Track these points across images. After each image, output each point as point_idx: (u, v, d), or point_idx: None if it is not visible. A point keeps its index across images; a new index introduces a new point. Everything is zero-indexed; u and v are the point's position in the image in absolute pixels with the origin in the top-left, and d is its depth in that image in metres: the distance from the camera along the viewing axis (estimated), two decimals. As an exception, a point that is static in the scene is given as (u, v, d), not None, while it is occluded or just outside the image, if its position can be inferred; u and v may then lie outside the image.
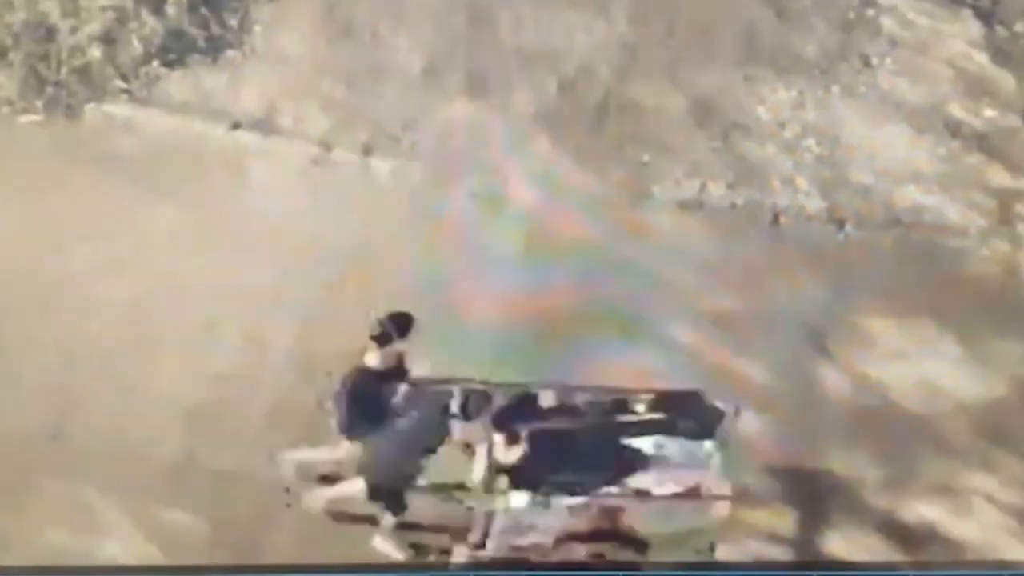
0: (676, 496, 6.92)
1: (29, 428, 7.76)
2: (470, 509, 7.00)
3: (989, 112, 9.88)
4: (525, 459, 6.81)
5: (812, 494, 7.82)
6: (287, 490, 7.50)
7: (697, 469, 6.95)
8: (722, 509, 6.97)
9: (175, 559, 7.35)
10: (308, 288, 8.45)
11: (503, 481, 6.89)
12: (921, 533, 7.72)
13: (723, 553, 7.22)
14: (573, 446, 6.96)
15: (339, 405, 7.02)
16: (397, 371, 7.12)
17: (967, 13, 10.42)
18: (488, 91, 9.69)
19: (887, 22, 10.32)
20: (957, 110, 9.87)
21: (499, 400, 6.97)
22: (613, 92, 9.79)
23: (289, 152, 9.36)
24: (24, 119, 9.44)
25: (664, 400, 7.18)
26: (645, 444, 7.03)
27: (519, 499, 6.86)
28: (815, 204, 9.33)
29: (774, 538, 7.64)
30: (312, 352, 8.17)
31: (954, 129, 9.76)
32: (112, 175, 9.06)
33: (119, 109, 9.52)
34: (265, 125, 9.48)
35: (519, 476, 6.85)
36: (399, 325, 7.05)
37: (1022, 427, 8.22)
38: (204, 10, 9.97)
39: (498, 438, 6.84)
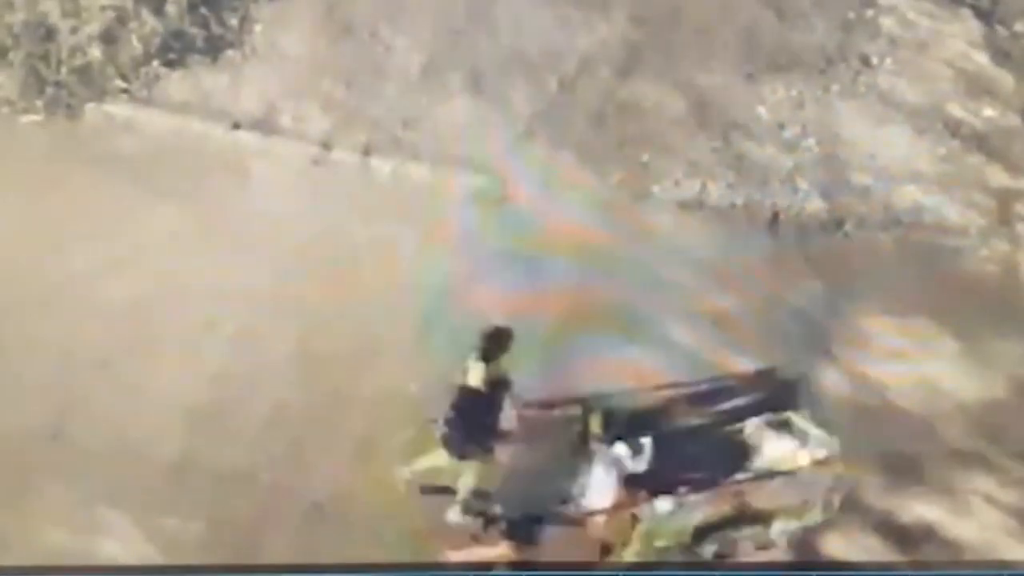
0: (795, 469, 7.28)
1: (29, 428, 7.77)
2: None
3: (989, 112, 9.88)
4: (652, 465, 6.99)
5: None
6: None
7: (802, 440, 7.33)
8: (833, 472, 7.30)
9: (174, 559, 7.36)
10: (308, 288, 8.46)
11: (643, 492, 7.09)
12: (920, 533, 7.72)
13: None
14: (691, 443, 7.20)
15: (451, 427, 7.11)
16: (500, 386, 7.16)
17: (967, 13, 10.41)
18: (488, 90, 9.70)
19: (887, 22, 10.31)
20: (957, 110, 9.87)
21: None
22: (613, 92, 9.79)
23: (289, 152, 9.36)
24: (24, 119, 9.45)
25: (748, 381, 7.51)
26: (753, 427, 7.36)
27: (663, 504, 7.06)
28: (815, 204, 9.32)
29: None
30: (312, 352, 8.17)
31: (954, 129, 9.76)
32: (112, 175, 9.07)
33: (119, 109, 9.52)
34: (265, 125, 9.49)
35: (650, 482, 7.03)
36: (500, 340, 7.08)
37: (1022, 427, 8.21)
38: (204, 10, 9.97)
39: (622, 450, 6.99)
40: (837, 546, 7.66)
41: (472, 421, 7.09)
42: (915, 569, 7.59)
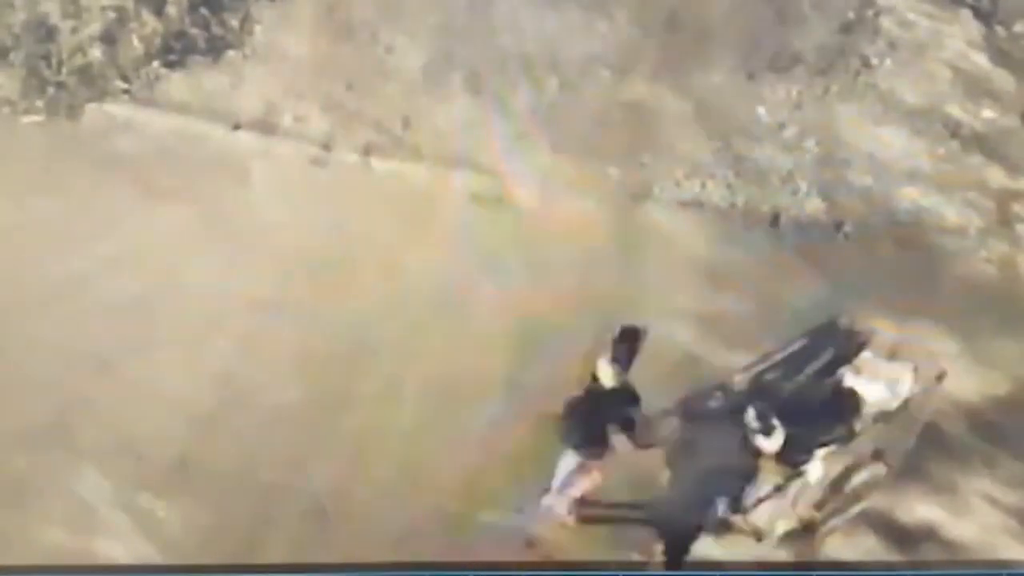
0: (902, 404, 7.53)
1: (29, 428, 7.76)
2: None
3: (988, 112, 9.88)
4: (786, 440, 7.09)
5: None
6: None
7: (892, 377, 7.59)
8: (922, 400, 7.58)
9: (174, 559, 7.36)
10: (308, 288, 8.46)
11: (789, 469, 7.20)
12: (920, 533, 7.72)
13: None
14: (805, 408, 7.29)
15: (571, 428, 7.10)
16: (625, 389, 7.11)
17: (966, 13, 10.42)
18: (488, 90, 9.70)
19: (887, 22, 10.32)
20: (956, 110, 9.87)
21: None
22: (613, 92, 9.80)
23: (289, 152, 9.36)
24: (25, 119, 9.45)
25: (818, 339, 7.70)
26: (851, 377, 7.52)
27: (815, 472, 7.19)
28: (815, 204, 9.33)
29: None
30: (312, 352, 8.17)
31: (954, 129, 9.76)
32: (112, 175, 9.07)
33: (120, 109, 9.53)
34: (265, 125, 9.49)
35: (788, 457, 7.12)
36: (633, 341, 7.07)
37: (1022, 427, 8.21)
38: (205, 10, 9.97)
39: (759, 436, 7.03)
40: (837, 546, 7.66)
41: (597, 422, 7.05)
42: (915, 569, 7.58)
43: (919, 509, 7.82)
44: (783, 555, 7.58)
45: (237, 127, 9.46)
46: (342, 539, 7.45)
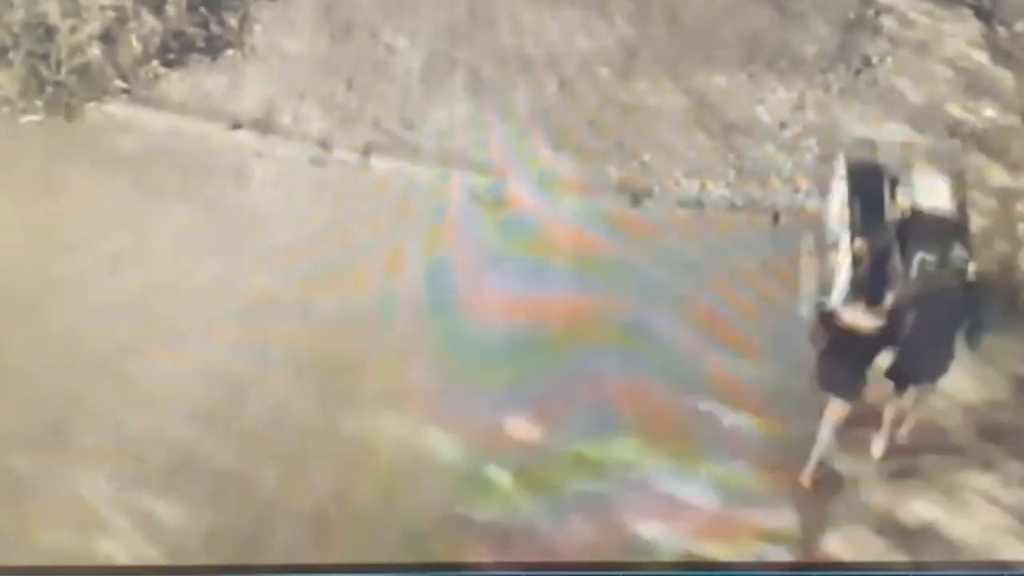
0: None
1: (29, 428, 7.77)
2: None
3: (989, 112, 9.87)
4: None
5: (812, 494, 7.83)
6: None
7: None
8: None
9: (174, 559, 7.36)
10: (308, 288, 8.46)
11: None
12: (920, 533, 7.72)
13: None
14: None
15: (828, 369, 7.50)
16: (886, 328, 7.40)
17: (967, 13, 10.41)
18: (488, 91, 9.70)
19: (887, 22, 10.32)
20: (957, 109, 9.86)
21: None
22: (613, 92, 9.80)
23: (289, 152, 9.37)
24: (24, 119, 9.45)
25: (864, 180, 8.05)
26: (916, 198, 7.90)
27: (961, 253, 7.59)
28: (815, 204, 9.32)
29: (774, 538, 7.64)
30: (312, 352, 8.18)
31: (954, 129, 9.76)
32: (112, 175, 9.07)
33: (119, 109, 9.52)
34: (265, 125, 9.49)
35: None
36: (879, 273, 7.53)
37: (1022, 427, 8.21)
38: (204, 10, 9.97)
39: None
40: (837, 546, 7.66)
41: (858, 365, 7.41)
42: (915, 569, 7.58)
43: (919, 509, 7.82)
44: (783, 554, 7.59)
45: (237, 127, 9.46)
46: (342, 539, 7.45)
